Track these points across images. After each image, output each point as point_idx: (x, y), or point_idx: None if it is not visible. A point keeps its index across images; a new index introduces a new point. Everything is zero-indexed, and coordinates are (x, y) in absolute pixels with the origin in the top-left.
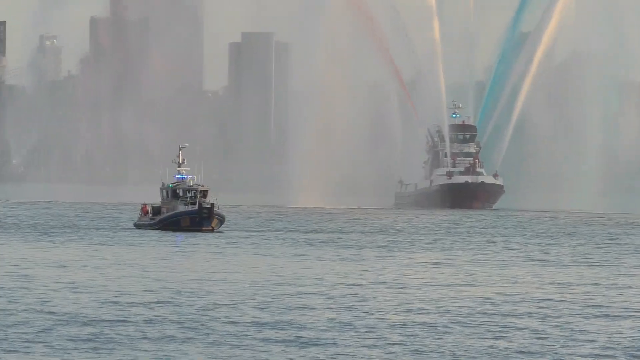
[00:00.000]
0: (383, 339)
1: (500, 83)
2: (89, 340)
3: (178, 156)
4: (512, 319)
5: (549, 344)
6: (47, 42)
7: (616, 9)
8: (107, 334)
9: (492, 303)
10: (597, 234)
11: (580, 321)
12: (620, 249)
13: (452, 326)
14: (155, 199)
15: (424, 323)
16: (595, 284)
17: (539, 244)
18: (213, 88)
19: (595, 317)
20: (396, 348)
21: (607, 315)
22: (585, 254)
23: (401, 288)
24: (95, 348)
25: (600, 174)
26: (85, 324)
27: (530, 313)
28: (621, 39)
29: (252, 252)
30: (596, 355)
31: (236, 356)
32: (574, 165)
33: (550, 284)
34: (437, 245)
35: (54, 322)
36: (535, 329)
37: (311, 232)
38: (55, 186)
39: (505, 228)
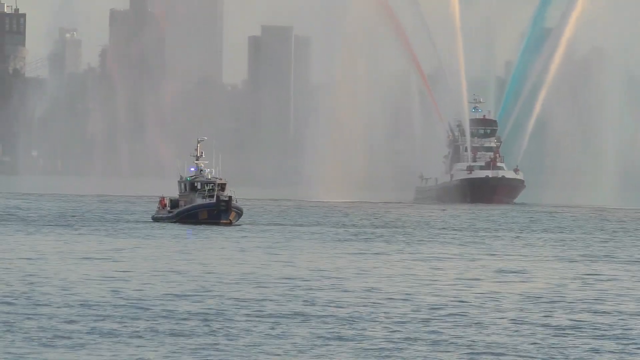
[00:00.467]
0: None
1: (521, 78)
2: (109, 333)
3: (196, 149)
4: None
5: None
6: (67, 35)
7: (636, 3)
8: (123, 327)
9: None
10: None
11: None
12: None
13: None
14: (173, 192)
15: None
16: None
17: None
18: (232, 81)
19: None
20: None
21: None
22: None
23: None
24: (113, 340)
25: (619, 170)
26: (106, 316)
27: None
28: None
29: (272, 246)
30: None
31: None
32: (592, 161)
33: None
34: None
35: (74, 314)
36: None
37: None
38: (74, 179)
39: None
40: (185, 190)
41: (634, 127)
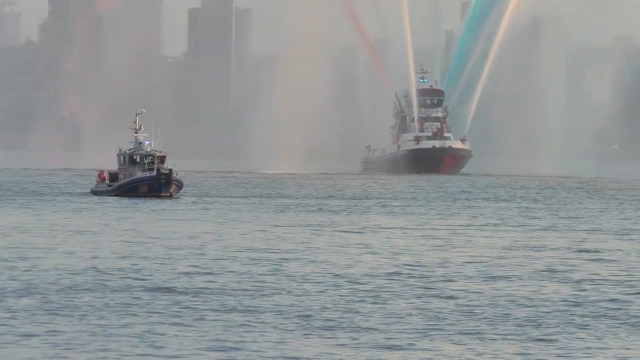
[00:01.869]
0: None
1: (466, 48)
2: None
3: (135, 122)
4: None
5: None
6: (6, 8)
7: None
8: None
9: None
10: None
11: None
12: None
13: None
14: (112, 165)
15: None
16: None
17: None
18: (172, 54)
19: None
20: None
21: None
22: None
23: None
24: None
25: (563, 139)
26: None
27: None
28: (584, 3)
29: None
30: None
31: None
32: (537, 130)
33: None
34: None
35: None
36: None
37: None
38: (11, 152)
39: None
40: (125, 163)
41: (577, 96)
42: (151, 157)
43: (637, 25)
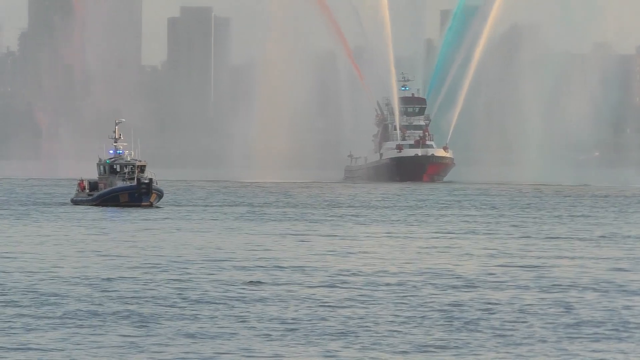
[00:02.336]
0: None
1: (447, 56)
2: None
3: (114, 131)
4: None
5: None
6: None
7: None
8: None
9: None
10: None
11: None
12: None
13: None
14: (92, 174)
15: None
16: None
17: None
18: (152, 63)
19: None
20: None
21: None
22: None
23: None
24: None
25: (543, 146)
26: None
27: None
28: (563, 11)
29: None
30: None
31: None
32: (517, 138)
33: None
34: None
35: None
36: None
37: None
38: None
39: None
40: (105, 172)
41: (556, 104)
42: (131, 166)
43: (615, 33)
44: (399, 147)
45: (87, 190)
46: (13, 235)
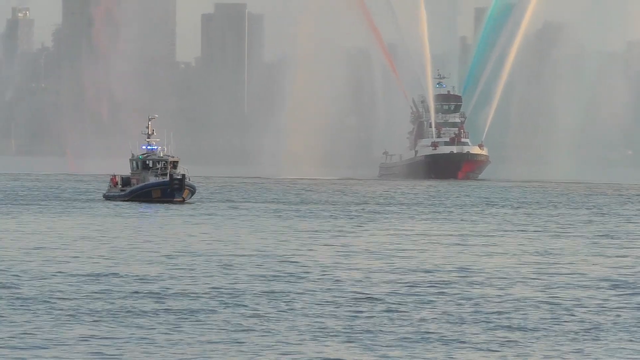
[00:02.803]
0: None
1: (483, 54)
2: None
3: (147, 127)
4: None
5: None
6: (20, 14)
7: None
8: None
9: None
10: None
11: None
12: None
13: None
14: (124, 170)
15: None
16: None
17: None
18: (186, 59)
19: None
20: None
21: None
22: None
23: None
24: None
25: (577, 145)
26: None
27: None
28: (595, 10)
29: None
30: None
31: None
32: (550, 136)
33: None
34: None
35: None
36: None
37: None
38: (23, 158)
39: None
40: (137, 168)
41: (591, 103)
42: (164, 162)
43: None
44: (435, 145)
45: (120, 186)
46: (42, 230)
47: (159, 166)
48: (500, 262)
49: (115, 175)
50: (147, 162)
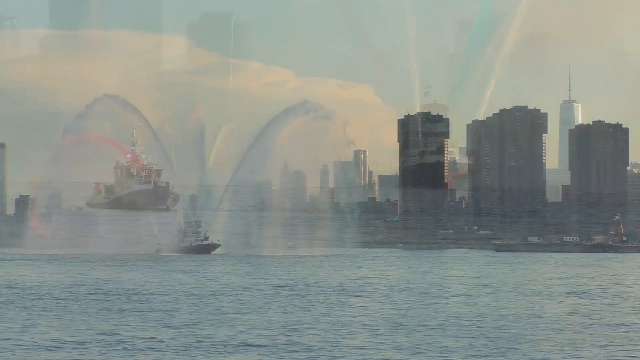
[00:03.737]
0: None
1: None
2: None
3: (132, 135)
4: None
5: None
6: (6, 22)
7: None
8: None
9: None
10: None
11: None
12: None
13: None
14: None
15: None
16: None
17: None
18: (172, 67)
19: None
20: None
21: None
22: None
23: None
24: None
25: None
26: None
27: None
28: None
29: None
30: None
31: None
32: None
33: None
34: None
35: None
36: None
37: None
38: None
39: None
40: (122, 176)
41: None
42: (148, 170)
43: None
44: None
45: (104, 194)
46: None
47: (143, 174)
48: None
49: (99, 183)
50: (132, 170)
